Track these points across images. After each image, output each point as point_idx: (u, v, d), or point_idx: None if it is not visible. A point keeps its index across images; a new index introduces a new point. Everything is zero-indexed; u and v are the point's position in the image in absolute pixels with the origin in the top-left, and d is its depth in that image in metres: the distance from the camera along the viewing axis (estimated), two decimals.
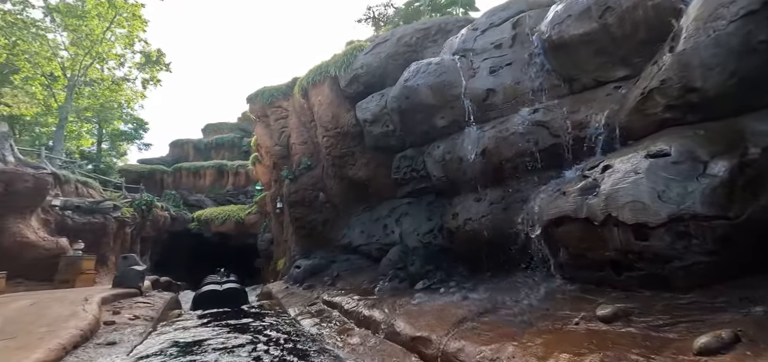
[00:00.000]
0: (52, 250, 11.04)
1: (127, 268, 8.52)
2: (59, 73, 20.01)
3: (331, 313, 6.92)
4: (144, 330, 6.34)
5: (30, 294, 8.07)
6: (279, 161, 13.55)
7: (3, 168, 9.77)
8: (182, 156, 32.92)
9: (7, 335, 4.84)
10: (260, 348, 5.32)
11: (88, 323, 5.57)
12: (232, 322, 7.36)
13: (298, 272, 10.32)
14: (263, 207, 20.85)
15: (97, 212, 13.00)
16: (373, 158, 9.57)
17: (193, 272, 22.63)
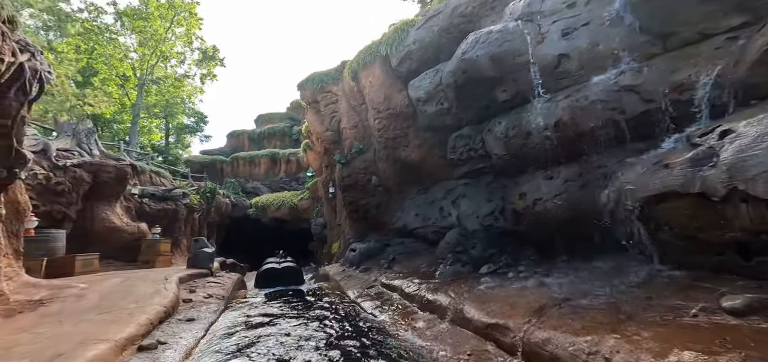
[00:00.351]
0: (134, 234, 12.16)
1: (198, 250, 9.13)
2: (130, 74, 21.85)
3: (391, 296, 6.83)
4: (217, 308, 6.71)
5: (119, 273, 8.94)
6: (330, 147, 13.69)
7: (90, 160, 10.84)
8: (238, 146, 34.83)
9: (104, 310, 5.32)
10: (328, 327, 5.37)
11: (170, 300, 5.97)
12: (297, 302, 7.58)
13: (353, 255, 10.40)
14: (315, 193, 21.43)
15: (169, 199, 14.10)
16: (426, 139, 9.25)
17: (253, 255, 24.03)
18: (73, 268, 8.69)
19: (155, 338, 4.62)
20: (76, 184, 10.47)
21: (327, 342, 4.75)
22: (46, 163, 9.87)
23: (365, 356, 4.09)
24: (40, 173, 9.54)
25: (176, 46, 24.19)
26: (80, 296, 6.18)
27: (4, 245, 6.37)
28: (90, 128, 11.79)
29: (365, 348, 4.37)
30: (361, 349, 4.34)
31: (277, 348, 4.55)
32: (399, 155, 9.80)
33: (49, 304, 5.78)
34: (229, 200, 22.13)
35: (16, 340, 3.93)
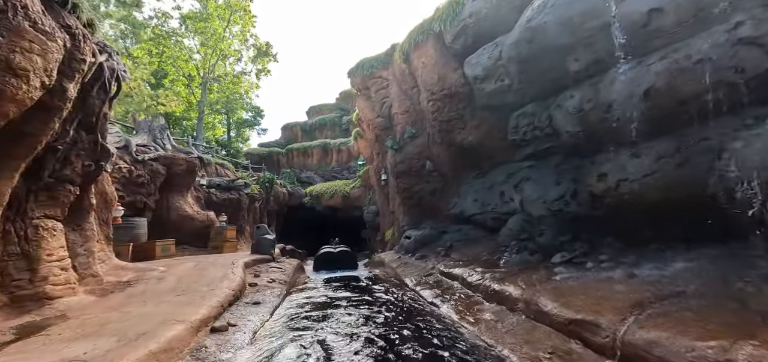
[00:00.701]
0: (204, 221, 13.08)
1: (260, 237, 9.54)
2: (195, 73, 23.45)
3: (452, 285, 6.53)
4: (280, 293, 6.92)
5: (192, 258, 9.65)
6: (381, 133, 13.55)
7: (164, 154, 11.76)
8: (292, 138, 36.21)
9: (180, 292, 5.66)
10: (388, 315, 5.23)
11: (237, 284, 6.23)
12: (355, 289, 7.58)
13: (409, 242, 10.21)
14: (367, 181, 21.58)
15: (233, 189, 14.97)
16: (484, 120, 8.69)
17: (309, 241, 24.97)
18: (154, 252, 9.50)
19: (226, 320, 4.81)
20: (153, 176, 11.43)
21: (389, 331, 4.60)
22: (128, 157, 10.85)
23: (433, 348, 3.87)
24: (123, 167, 10.52)
25: (233, 45, 25.50)
26: (160, 278, 6.69)
27: (97, 231, 7.09)
28: (163, 125, 12.80)
29: (431, 341, 4.15)
30: (428, 342, 4.12)
31: (338, 335, 4.50)
32: (454, 139, 9.34)
33: (135, 285, 6.33)
34: (285, 190, 23.09)
35: (108, 318, 4.28)
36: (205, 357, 3.60)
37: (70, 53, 4.72)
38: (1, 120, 4.13)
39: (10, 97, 3.99)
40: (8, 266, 4.75)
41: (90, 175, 5.94)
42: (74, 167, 5.59)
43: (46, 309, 4.86)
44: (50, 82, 4.41)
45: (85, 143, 5.72)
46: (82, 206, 6.25)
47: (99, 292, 5.83)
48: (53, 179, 5.32)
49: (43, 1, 4.25)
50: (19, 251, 4.89)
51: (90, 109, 5.66)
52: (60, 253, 5.36)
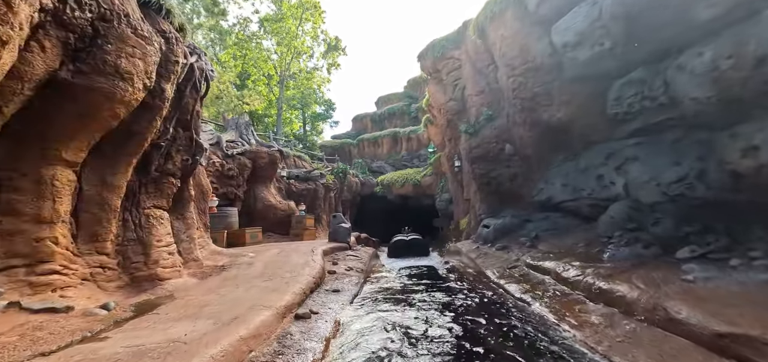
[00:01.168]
0: (285, 210, 13.90)
1: (337, 225, 9.74)
2: (273, 72, 25.05)
3: (542, 280, 5.83)
4: (357, 281, 6.91)
5: (276, 245, 10.27)
6: (454, 118, 12.89)
7: (249, 148, 12.69)
8: (362, 129, 36.95)
9: (266, 277, 5.93)
10: (473, 311, 4.82)
11: (317, 271, 6.34)
12: (433, 280, 7.27)
13: (487, 232, 9.55)
14: (438, 168, 21.01)
15: (309, 179, 15.68)
16: (576, 93, 7.60)
17: (381, 230, 25.34)
18: (244, 239, 10.30)
19: (308, 307, 4.87)
20: (241, 169, 12.40)
21: (476, 328, 4.19)
22: (220, 153, 11.90)
23: (533, 353, 3.38)
24: (216, 161, 11.56)
25: (306, 41, 26.65)
26: (250, 264, 7.14)
27: (197, 220, 7.84)
28: (247, 121, 13.83)
29: (525, 343, 3.65)
30: (521, 344, 3.63)
31: (419, 329, 4.23)
32: (539, 117, 8.38)
33: (229, 269, 6.84)
34: (358, 179, 23.64)
35: (206, 300, 4.59)
36: (290, 345, 3.61)
37: (166, 56, 5.13)
38: (114, 121, 4.64)
39: (119, 99, 4.44)
40: (128, 250, 5.40)
41: (188, 168, 6.52)
42: (175, 162, 6.17)
43: (158, 288, 5.44)
44: (151, 84, 4.83)
45: (183, 139, 6.28)
46: (183, 197, 6.93)
47: (200, 275, 6.40)
48: (158, 173, 5.93)
49: (141, 8, 4.64)
50: (135, 237, 5.54)
51: (185, 107, 6.18)
52: (167, 239, 5.98)
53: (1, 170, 3.95)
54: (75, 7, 3.81)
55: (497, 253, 8.37)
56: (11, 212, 3.99)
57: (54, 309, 3.75)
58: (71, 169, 4.48)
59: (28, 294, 3.98)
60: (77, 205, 4.77)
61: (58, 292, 4.23)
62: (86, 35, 4.10)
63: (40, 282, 4.10)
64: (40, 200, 4.16)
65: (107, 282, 5.01)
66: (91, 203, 4.89)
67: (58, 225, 4.32)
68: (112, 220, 5.14)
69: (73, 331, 3.48)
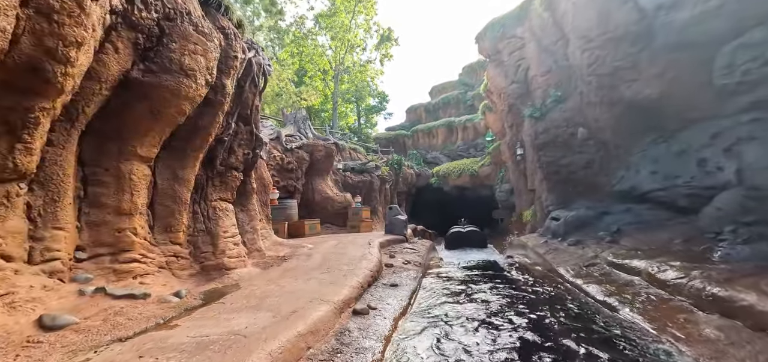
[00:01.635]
0: (342, 202, 14.07)
1: (393, 217, 9.55)
2: (328, 67, 25.56)
3: (631, 281, 5.05)
4: (416, 275, 6.64)
5: (333, 236, 10.38)
6: (516, 102, 11.95)
7: (307, 142, 13.00)
8: (416, 119, 36.41)
9: (324, 270, 5.89)
10: (544, 312, 4.29)
11: (374, 264, 6.18)
12: (497, 277, 6.75)
13: (557, 225, 8.68)
14: (497, 158, 19.90)
15: (365, 171, 15.71)
16: (671, 63, 6.47)
17: (437, 222, 24.80)
18: (303, 230, 10.56)
19: (366, 302, 4.70)
20: (299, 162, 12.75)
21: (558, 337, 3.68)
22: (279, 147, 12.33)
23: None
24: (277, 155, 11.99)
25: (359, 34, 26.77)
26: (308, 255, 7.22)
27: (259, 211, 8.14)
28: (304, 115, 14.18)
29: (620, 358, 3.08)
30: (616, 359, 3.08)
31: (488, 336, 3.83)
32: (621, 94, 7.32)
33: (289, 260, 6.97)
34: (413, 171, 23.32)
35: (267, 292, 4.63)
36: (349, 343, 3.44)
37: (225, 51, 5.25)
38: (180, 117, 4.85)
39: (184, 95, 4.61)
40: (198, 240, 5.69)
41: (249, 162, 6.72)
42: (237, 156, 6.39)
43: (225, 277, 5.66)
44: (212, 79, 4.97)
45: (244, 133, 6.48)
46: (246, 190, 7.20)
47: (262, 265, 6.60)
48: (223, 167, 6.18)
49: (201, 6, 4.77)
50: (204, 228, 5.82)
51: (245, 102, 6.36)
52: (232, 230, 6.22)
53: (88, 166, 4.29)
54: (142, 8, 3.97)
55: (570, 249, 7.54)
56: (97, 204, 4.33)
57: (133, 295, 4.00)
58: (146, 164, 4.77)
59: (112, 280, 4.31)
60: (152, 198, 5.09)
61: (138, 279, 4.54)
62: (153, 35, 4.29)
63: (122, 269, 4.41)
64: (120, 194, 4.47)
65: (180, 270, 5.31)
66: (165, 196, 5.19)
67: (136, 217, 4.62)
68: (184, 212, 5.43)
69: (148, 317, 3.66)
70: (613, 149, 7.98)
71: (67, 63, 3.15)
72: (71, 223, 4.00)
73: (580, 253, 7.06)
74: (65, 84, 3.25)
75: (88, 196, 4.30)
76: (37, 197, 3.69)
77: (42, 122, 3.32)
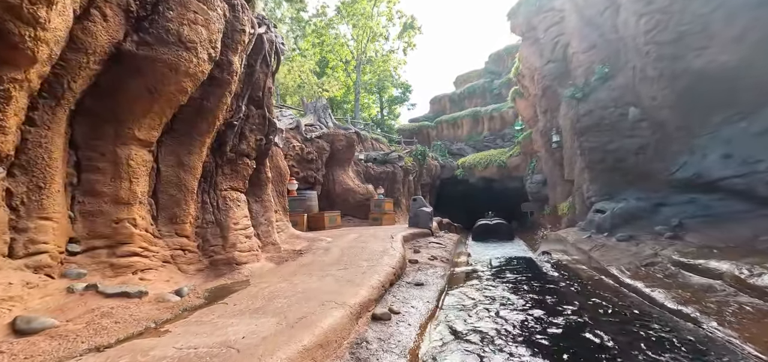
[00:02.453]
0: (364, 194, 13.53)
1: (418, 209, 8.88)
2: (350, 57, 25.01)
3: (710, 285, 4.16)
4: (443, 273, 5.97)
5: (354, 229, 9.85)
6: (552, 84, 10.92)
7: (327, 131, 12.51)
8: (440, 110, 35.32)
9: (342, 266, 5.32)
10: (600, 321, 3.51)
11: (397, 261, 5.56)
12: (534, 276, 5.98)
13: (602, 218, 7.73)
14: (528, 147, 18.72)
15: (387, 162, 15.09)
16: (752, 24, 5.40)
17: (462, 215, 23.87)
18: (323, 223, 10.09)
19: (388, 305, 4.10)
20: (319, 152, 12.29)
21: (617, 355, 2.93)
22: (299, 136, 11.90)
23: None
24: (296, 145, 11.56)
25: (381, 22, 26.04)
26: (326, 249, 6.70)
27: (275, 202, 7.69)
28: (324, 104, 13.69)
29: None
30: None
31: (526, 352, 3.12)
32: (687, 65, 6.27)
33: (305, 255, 6.47)
34: (437, 162, 22.50)
35: (277, 291, 4.11)
36: (366, 358, 2.85)
37: (231, 24, 4.73)
38: (182, 96, 4.38)
39: (184, 71, 4.12)
40: (207, 232, 5.26)
41: (262, 148, 6.24)
42: (248, 142, 5.93)
43: (236, 272, 5.21)
44: (216, 54, 4.47)
45: (256, 117, 5.99)
46: (260, 179, 6.75)
47: (277, 259, 6.13)
48: (233, 154, 5.72)
49: None
50: (213, 219, 5.39)
51: (256, 83, 5.86)
52: (244, 222, 5.77)
53: (81, 150, 3.89)
54: None
55: (620, 245, 6.61)
56: (92, 192, 3.93)
57: (127, 293, 3.57)
58: (146, 149, 4.34)
59: (109, 275, 3.92)
60: (156, 186, 4.68)
61: (138, 274, 4.13)
62: (147, 2, 3.82)
63: (120, 263, 4.01)
64: (117, 181, 4.06)
65: (187, 265, 4.90)
66: (169, 184, 4.77)
67: (135, 206, 4.20)
68: (190, 201, 5.00)
69: (139, 320, 3.20)
70: (674, 130, 6.92)
71: (37, 25, 2.69)
72: (61, 213, 3.60)
73: (634, 250, 6.14)
74: (37, 51, 2.80)
75: (82, 183, 3.91)
76: (20, 183, 3.29)
77: (14, 96, 2.90)
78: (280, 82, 20.19)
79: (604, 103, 7.99)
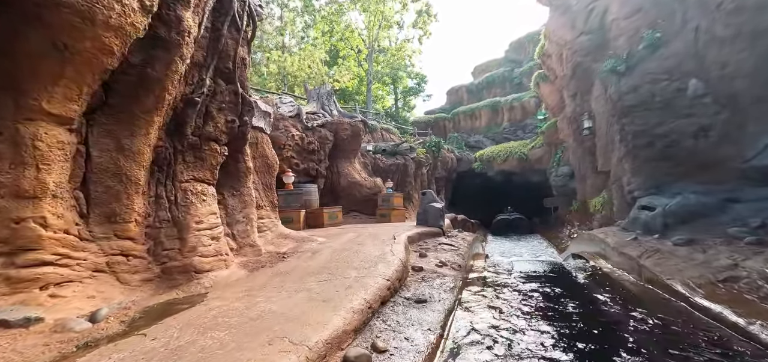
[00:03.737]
0: (372, 188, 12.44)
1: (427, 205, 7.71)
2: (362, 45, 23.86)
3: None
4: (454, 284, 4.81)
5: (355, 228, 8.77)
6: (585, 60, 9.47)
7: (331, 120, 11.48)
8: (458, 101, 33.75)
9: (326, 275, 4.26)
10: None
11: (395, 270, 4.45)
12: (572, 294, 4.73)
13: (651, 216, 6.35)
14: (552, 138, 17.14)
15: (398, 153, 13.93)
16: None
17: (480, 210, 22.47)
18: (322, 219, 9.06)
19: (372, 337, 3.00)
20: (322, 142, 11.26)
21: None
22: (299, 125, 10.89)
23: None
24: (296, 135, 10.56)
25: (394, 8, 24.76)
26: (315, 252, 5.64)
27: (261, 197, 6.69)
28: (329, 91, 12.63)
29: None
30: None
31: None
32: None
33: (289, 259, 5.43)
34: (453, 155, 21.16)
35: (226, 313, 3.07)
36: None
37: None
38: (107, 57, 3.36)
39: (103, 21, 3.09)
40: (160, 233, 4.29)
41: (236, 132, 5.21)
42: (216, 123, 4.92)
43: (194, 283, 4.23)
44: (151, 4, 3.47)
45: (226, 94, 4.97)
46: (238, 169, 5.75)
47: (253, 264, 5.11)
48: (197, 138, 4.72)
49: None
50: (169, 218, 4.41)
51: (224, 52, 4.83)
52: (210, 220, 4.77)
53: None
54: None
55: (680, 251, 5.25)
56: None
57: (5, 322, 2.60)
58: (63, 127, 3.35)
59: (3, 293, 2.97)
60: (86, 176, 3.71)
61: (48, 290, 3.18)
62: None
63: (21, 276, 3.06)
64: (19, 167, 3.09)
65: (131, 274, 3.93)
66: (104, 173, 3.79)
67: (45, 201, 3.24)
68: (135, 195, 4.02)
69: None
70: (750, 105, 5.47)
71: None
72: None
73: (701, 258, 4.79)
74: None
75: None
76: None
77: None
78: (288, 72, 19.28)
79: (654, 75, 6.56)
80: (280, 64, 18.20)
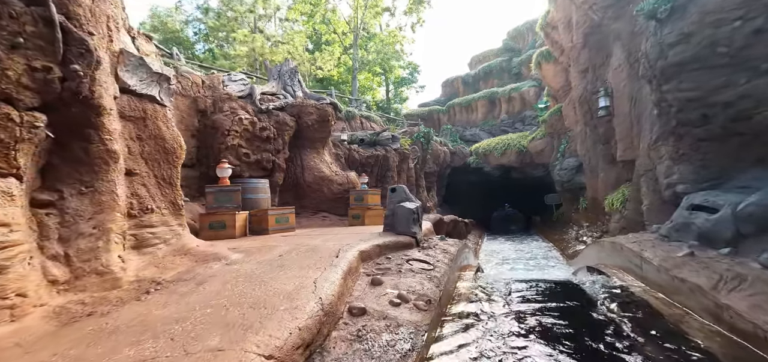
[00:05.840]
0: (343, 184, 10.47)
1: (396, 206, 5.70)
2: (347, 29, 21.80)
3: None
4: (411, 345, 2.80)
5: (311, 233, 6.79)
6: (603, 20, 7.51)
7: (292, 102, 9.49)
8: (453, 93, 31.88)
9: (180, 340, 2.26)
10: None
11: (299, 325, 2.44)
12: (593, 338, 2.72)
13: (713, 220, 4.37)
14: (555, 126, 15.20)
15: (378, 143, 11.93)
16: None
17: (476, 208, 20.68)
18: (267, 224, 7.04)
19: None
20: (280, 129, 9.24)
21: None
22: (250, 107, 8.89)
23: None
24: (244, 118, 8.55)
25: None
26: (201, 283, 3.62)
27: (146, 195, 4.66)
28: (293, 69, 10.60)
29: None
30: None
31: None
32: None
33: (155, 294, 3.41)
34: (446, 148, 19.18)
35: None
36: None
37: None
38: None
39: None
40: None
41: (61, 91, 3.18)
42: (15, 71, 2.92)
43: None
44: None
45: (24, 20, 2.98)
46: (89, 153, 3.72)
47: (76, 309, 3.05)
48: None
49: None
50: None
51: None
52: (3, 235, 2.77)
53: None
54: None
55: (764, 274, 3.26)
56: None
57: None
58: None
59: None
60: None
61: None
62: None
63: None
64: None
65: None
66: None
67: None
68: None
69: None
70: None
71: None
72: None
73: None
74: None
75: None
76: None
77: None
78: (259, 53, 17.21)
79: (717, 15, 4.52)
80: (250, 45, 16.12)
